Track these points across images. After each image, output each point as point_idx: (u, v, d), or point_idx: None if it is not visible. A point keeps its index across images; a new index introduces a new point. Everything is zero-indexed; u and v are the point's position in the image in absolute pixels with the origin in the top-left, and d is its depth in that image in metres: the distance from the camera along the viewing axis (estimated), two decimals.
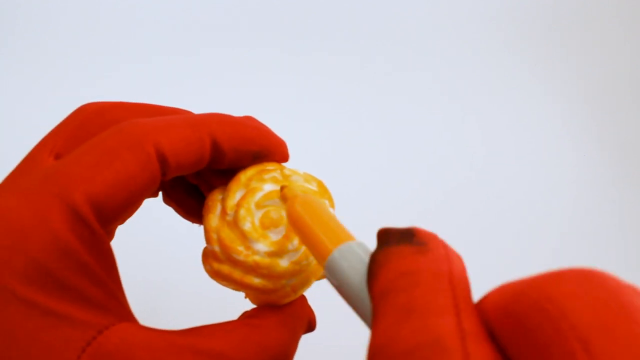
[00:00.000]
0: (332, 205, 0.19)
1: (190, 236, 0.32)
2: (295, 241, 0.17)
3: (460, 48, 0.55)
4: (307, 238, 0.15)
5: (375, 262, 0.12)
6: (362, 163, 0.47)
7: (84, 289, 0.14)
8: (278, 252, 0.17)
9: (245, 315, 0.18)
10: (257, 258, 0.17)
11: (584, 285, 0.10)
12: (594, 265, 0.44)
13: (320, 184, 0.19)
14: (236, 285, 0.18)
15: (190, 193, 0.21)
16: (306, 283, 0.19)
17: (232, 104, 0.48)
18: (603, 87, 0.54)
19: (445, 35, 0.55)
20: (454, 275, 0.11)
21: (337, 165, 0.46)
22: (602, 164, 0.49)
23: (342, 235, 0.14)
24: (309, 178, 0.19)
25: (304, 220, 0.15)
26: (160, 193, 0.22)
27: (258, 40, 0.52)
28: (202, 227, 0.19)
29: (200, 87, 0.49)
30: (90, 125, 0.18)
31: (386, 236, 0.13)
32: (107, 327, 0.15)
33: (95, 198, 0.15)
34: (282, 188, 0.18)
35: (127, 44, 0.50)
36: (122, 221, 0.17)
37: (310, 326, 0.20)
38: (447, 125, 0.50)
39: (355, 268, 0.13)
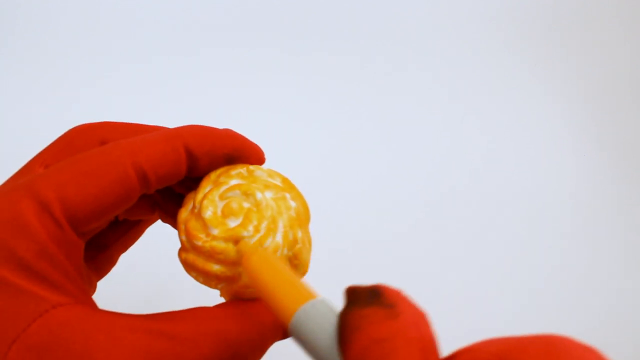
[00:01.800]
0: (304, 205, 0.20)
1: None
2: (250, 226, 0.18)
3: (460, 48, 0.55)
4: (268, 296, 0.15)
5: (346, 326, 0.13)
6: (362, 163, 0.47)
7: (44, 270, 0.16)
8: (233, 237, 0.18)
9: (211, 306, 0.18)
10: (214, 243, 0.18)
11: (545, 354, 0.10)
12: (594, 265, 0.44)
13: (284, 180, 0.20)
14: (200, 273, 0.19)
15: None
16: None
17: (232, 104, 0.48)
18: (603, 87, 0.54)
19: (445, 35, 0.55)
20: (424, 339, 0.12)
21: (336, 165, 0.46)
22: (602, 164, 0.49)
23: (304, 293, 0.14)
24: (272, 173, 0.20)
25: (263, 278, 0.15)
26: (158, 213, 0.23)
27: (258, 40, 0.52)
28: None
29: (200, 87, 0.49)
30: (77, 143, 0.20)
31: (354, 295, 0.13)
32: (62, 305, 0.15)
33: (67, 200, 0.16)
34: (236, 242, 0.18)
35: (127, 44, 0.50)
36: (99, 225, 0.19)
37: (285, 333, 0.20)
38: (447, 125, 0.50)
39: (322, 328, 0.13)
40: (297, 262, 0.19)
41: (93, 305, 0.17)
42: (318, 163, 0.45)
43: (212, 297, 0.21)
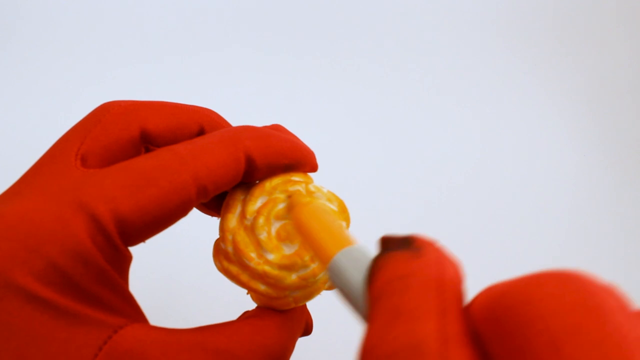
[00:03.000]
0: (348, 226, 0.20)
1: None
2: (307, 258, 0.18)
3: (460, 48, 0.55)
4: (312, 241, 0.16)
5: (374, 266, 0.13)
6: (362, 163, 0.47)
7: (100, 293, 0.15)
8: (288, 266, 0.18)
9: (247, 315, 0.19)
10: (266, 268, 0.18)
11: (561, 288, 0.10)
12: (594, 266, 0.44)
13: (340, 204, 0.20)
14: (241, 285, 0.18)
15: None
16: (309, 297, 0.19)
17: (232, 104, 0.48)
18: (603, 87, 0.54)
19: (445, 35, 0.55)
20: (444, 279, 0.12)
21: (335, 165, 0.46)
22: (602, 164, 0.49)
23: (345, 240, 0.15)
24: (331, 197, 0.20)
25: (310, 225, 0.16)
26: None
27: (258, 40, 0.52)
28: (217, 220, 0.20)
29: (200, 88, 0.49)
30: (116, 128, 0.18)
31: (387, 242, 0.13)
32: (121, 327, 0.15)
33: (121, 217, 0.15)
34: (289, 196, 0.18)
35: (127, 45, 0.50)
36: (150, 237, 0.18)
37: (307, 330, 0.21)
38: (447, 125, 0.50)
39: (357, 270, 0.14)
40: None
41: (145, 320, 0.17)
42: (318, 161, 0.45)
43: (217, 296, 0.21)
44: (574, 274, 0.10)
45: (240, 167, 0.17)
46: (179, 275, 0.37)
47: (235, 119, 0.24)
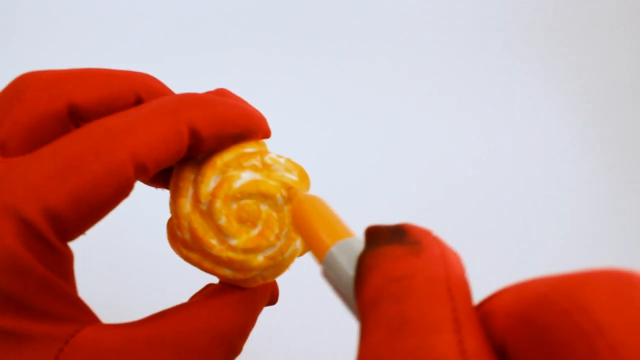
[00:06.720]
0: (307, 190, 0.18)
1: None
2: (272, 237, 0.17)
3: (460, 48, 0.55)
4: (307, 234, 0.14)
5: (363, 266, 0.11)
6: (362, 163, 0.47)
7: (44, 303, 0.14)
8: (253, 249, 0.17)
9: (206, 293, 0.18)
10: (230, 254, 0.17)
11: (621, 293, 0.08)
12: (593, 265, 0.44)
13: (301, 172, 0.18)
14: (205, 271, 0.17)
15: None
16: (278, 273, 0.18)
17: None
18: (603, 87, 0.54)
19: (445, 35, 0.55)
20: (452, 280, 0.10)
21: (335, 165, 0.46)
22: (602, 164, 0.49)
23: (342, 232, 0.14)
24: (290, 167, 0.18)
25: (306, 217, 0.15)
26: None
27: (257, 40, 0.52)
28: (165, 191, 0.18)
29: (200, 88, 0.49)
30: (39, 105, 0.15)
31: (375, 235, 0.12)
32: (72, 336, 0.14)
33: (53, 211, 0.13)
34: (288, 189, 0.17)
35: (127, 45, 0.50)
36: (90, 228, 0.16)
37: (272, 300, 0.19)
38: (446, 125, 0.50)
39: (348, 267, 0.12)
40: None
41: (97, 320, 0.15)
42: (317, 163, 0.45)
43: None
44: (628, 274, 0.08)
45: (183, 141, 0.16)
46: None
47: None
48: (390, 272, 0.10)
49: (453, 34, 0.55)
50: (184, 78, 0.49)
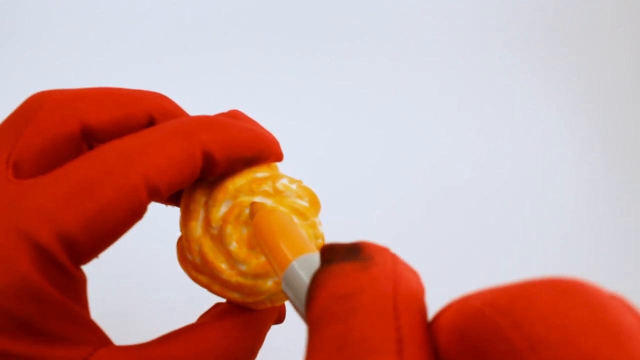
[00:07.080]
0: (317, 215, 0.18)
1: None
2: None
3: (460, 48, 0.55)
4: (269, 247, 0.14)
5: (313, 283, 0.11)
6: (361, 163, 0.47)
7: (57, 328, 0.13)
8: (262, 275, 0.17)
9: (215, 313, 0.18)
10: (240, 279, 0.17)
11: (559, 306, 0.08)
12: (593, 266, 0.44)
13: (312, 199, 0.18)
14: (215, 294, 0.17)
15: None
16: (286, 298, 0.18)
17: (232, 105, 0.48)
18: (603, 87, 0.54)
19: (445, 35, 0.55)
20: (400, 296, 0.10)
21: (335, 165, 0.46)
22: (602, 163, 0.49)
23: (304, 247, 0.13)
24: (301, 193, 0.18)
25: (267, 232, 0.15)
26: None
27: (257, 40, 0.52)
28: (177, 209, 0.18)
29: (200, 88, 0.49)
30: (52, 126, 0.15)
31: (330, 252, 0.11)
32: (86, 359, 0.14)
33: (67, 235, 0.13)
34: (250, 204, 0.17)
35: (127, 45, 0.50)
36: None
37: (279, 318, 0.20)
38: (446, 125, 0.50)
39: (304, 285, 0.12)
40: None
41: (109, 342, 0.15)
42: (317, 163, 0.45)
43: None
44: (574, 282, 0.08)
45: (196, 164, 0.15)
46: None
47: None
48: (337, 289, 0.10)
49: (453, 34, 0.55)
50: (184, 78, 0.49)
